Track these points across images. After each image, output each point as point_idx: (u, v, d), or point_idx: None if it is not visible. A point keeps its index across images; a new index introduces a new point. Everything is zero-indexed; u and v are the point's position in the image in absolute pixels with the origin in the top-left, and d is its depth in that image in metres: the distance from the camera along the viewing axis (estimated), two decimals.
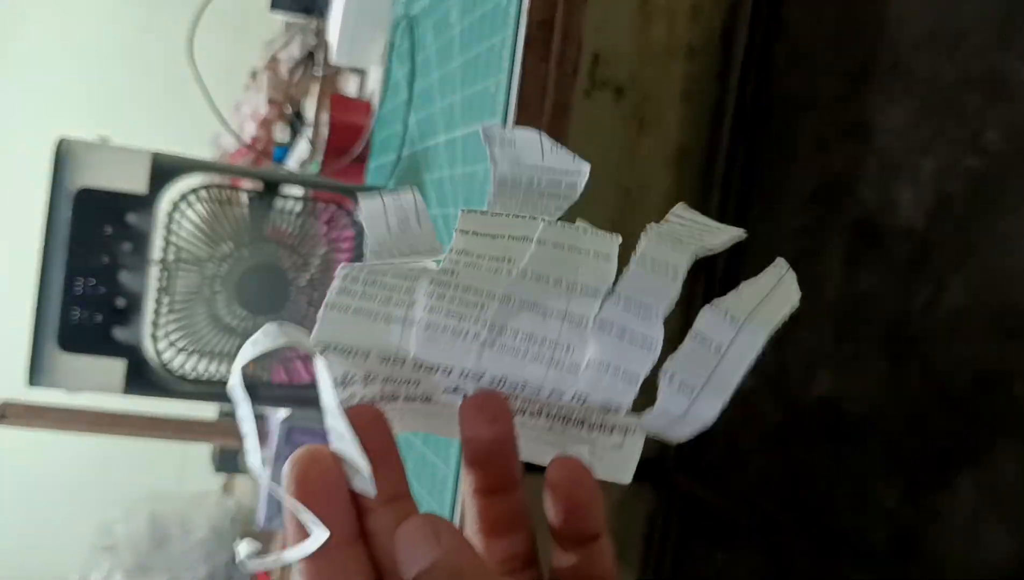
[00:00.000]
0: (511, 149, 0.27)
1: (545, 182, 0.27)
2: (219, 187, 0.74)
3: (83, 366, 0.72)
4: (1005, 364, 0.92)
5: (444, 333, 0.24)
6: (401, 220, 0.27)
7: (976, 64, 0.98)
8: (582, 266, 0.25)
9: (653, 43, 1.31)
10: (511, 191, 0.27)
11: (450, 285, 0.25)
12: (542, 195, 0.27)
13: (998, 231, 0.94)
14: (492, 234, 0.25)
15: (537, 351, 0.25)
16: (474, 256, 0.25)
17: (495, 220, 0.26)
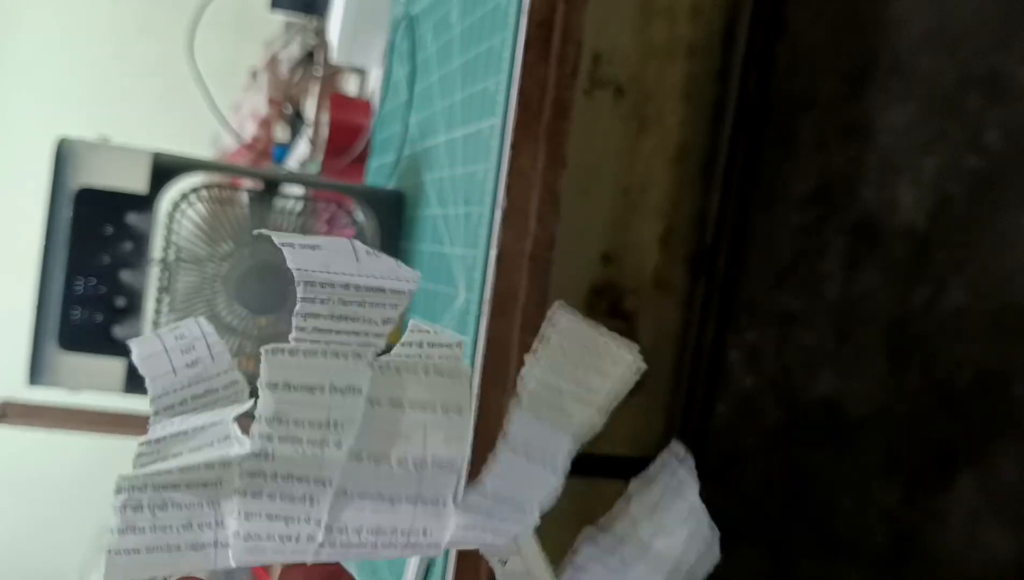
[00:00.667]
0: (317, 255, 0.21)
1: (364, 290, 0.22)
2: (219, 187, 0.74)
3: (83, 365, 0.72)
4: (1006, 364, 0.92)
5: (270, 541, 0.20)
6: (188, 358, 0.22)
7: (977, 64, 0.98)
8: (430, 430, 0.21)
9: (653, 42, 1.31)
10: (323, 303, 0.21)
11: (266, 476, 0.20)
12: (363, 304, 0.22)
13: (999, 231, 0.94)
14: (309, 386, 0.20)
15: (388, 540, 0.21)
16: (290, 423, 0.20)
17: (310, 363, 0.20)
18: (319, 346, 0.21)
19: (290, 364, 0.21)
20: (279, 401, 0.20)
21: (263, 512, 0.20)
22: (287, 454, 0.20)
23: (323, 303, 0.21)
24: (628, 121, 1.33)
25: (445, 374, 0.21)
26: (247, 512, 0.20)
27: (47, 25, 2.62)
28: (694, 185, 1.36)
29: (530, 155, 0.55)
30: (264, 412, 0.20)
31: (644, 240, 1.34)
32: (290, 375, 0.20)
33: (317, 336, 0.21)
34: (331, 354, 0.21)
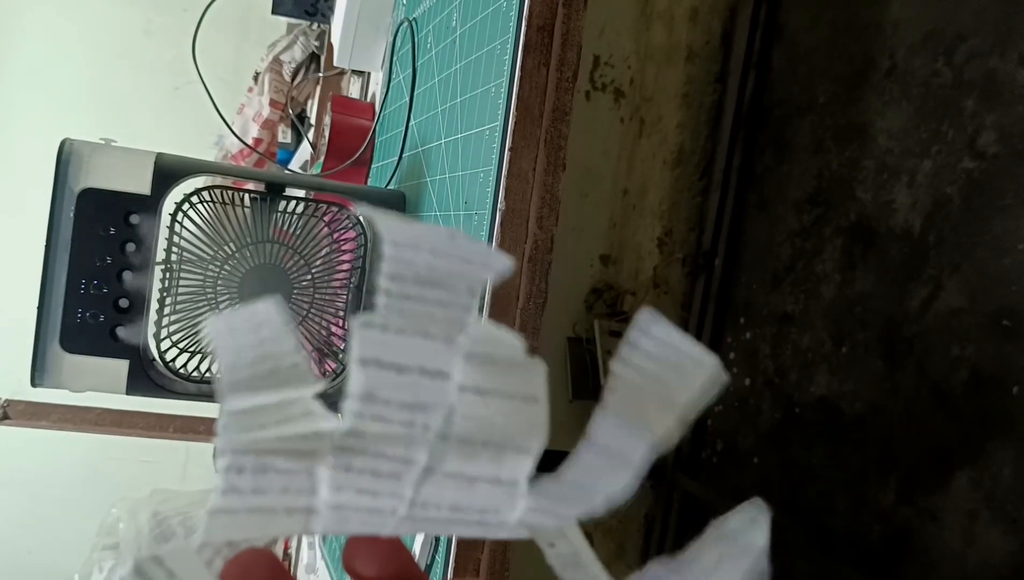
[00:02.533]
0: (409, 226, 0.21)
1: (453, 258, 0.22)
2: (222, 188, 0.74)
3: (86, 367, 0.72)
4: (1001, 365, 0.92)
5: (356, 513, 0.21)
6: (256, 337, 0.23)
7: (972, 67, 0.99)
8: (512, 417, 0.22)
9: (653, 46, 1.32)
10: (409, 265, 0.21)
11: (355, 452, 0.21)
12: (450, 273, 0.22)
13: (994, 233, 0.95)
14: (398, 366, 0.21)
15: (463, 517, 0.22)
16: (381, 403, 0.21)
17: (401, 342, 0.21)
18: (409, 322, 0.21)
19: (381, 341, 0.21)
20: (370, 379, 0.21)
21: (352, 486, 0.21)
22: (376, 432, 0.21)
23: (409, 265, 0.21)
24: (627, 124, 1.33)
25: (522, 366, 0.22)
26: (337, 485, 0.21)
27: (51, 28, 2.63)
28: (692, 187, 1.36)
29: (530, 158, 0.56)
30: (356, 389, 0.21)
31: (643, 241, 1.35)
32: (381, 353, 0.21)
33: (403, 304, 0.21)
34: (421, 334, 0.21)
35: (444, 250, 0.21)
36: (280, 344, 0.23)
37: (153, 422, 1.29)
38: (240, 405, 0.22)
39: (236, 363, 0.22)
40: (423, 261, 0.21)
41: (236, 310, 0.22)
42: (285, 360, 0.23)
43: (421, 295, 0.21)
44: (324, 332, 0.79)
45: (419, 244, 0.21)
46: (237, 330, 0.22)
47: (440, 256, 0.21)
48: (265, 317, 0.22)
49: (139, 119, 2.52)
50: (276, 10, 1.45)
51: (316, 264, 0.77)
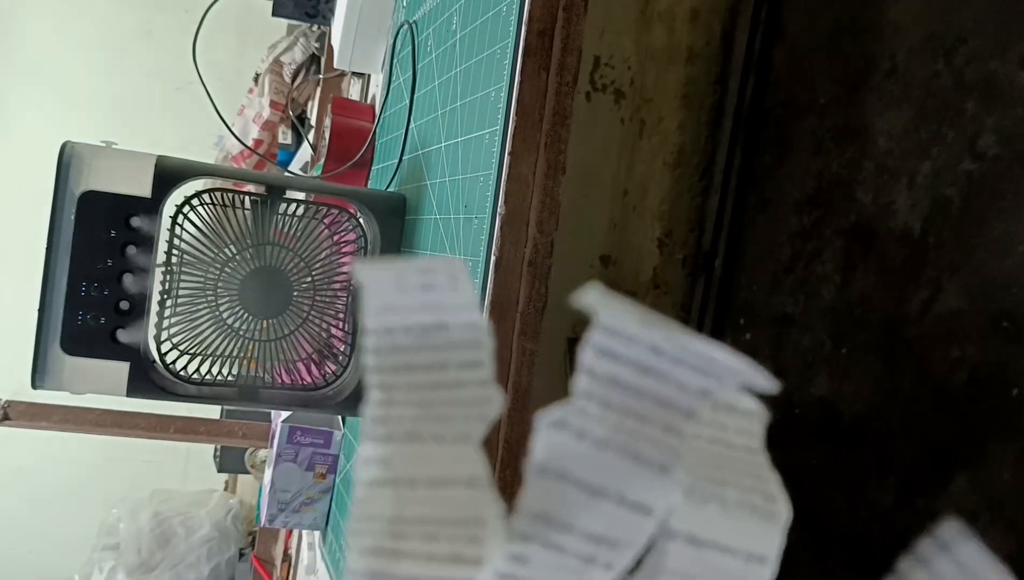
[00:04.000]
0: (625, 312, 0.16)
1: (677, 354, 0.17)
2: (222, 191, 0.75)
3: (87, 369, 0.72)
4: (1001, 367, 0.92)
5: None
6: (424, 281, 0.18)
7: (973, 69, 0.99)
8: (725, 578, 0.17)
9: (653, 47, 1.32)
10: (623, 365, 0.17)
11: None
12: (675, 371, 0.17)
13: (994, 235, 0.95)
14: (592, 488, 0.16)
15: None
16: (558, 527, 0.16)
17: (599, 459, 0.16)
18: (612, 434, 0.16)
19: (575, 452, 0.16)
20: (550, 495, 0.16)
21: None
22: (547, 562, 0.16)
23: (627, 345, 0.17)
24: (628, 125, 1.33)
25: (758, 514, 0.17)
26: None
27: (52, 30, 2.63)
28: (692, 188, 1.36)
29: (530, 162, 0.56)
30: (530, 505, 0.16)
31: (643, 242, 1.35)
32: (571, 465, 0.16)
33: (612, 393, 0.17)
34: (629, 455, 0.16)
35: (669, 353, 0.16)
36: (457, 296, 0.18)
37: (154, 423, 1.29)
38: (394, 363, 0.18)
39: (394, 304, 0.18)
40: (636, 358, 0.17)
41: (407, 260, 0.18)
42: (460, 316, 0.18)
43: (636, 386, 0.17)
44: (324, 334, 0.79)
45: (637, 337, 0.16)
46: (398, 270, 0.18)
47: (663, 359, 0.16)
48: (440, 268, 0.18)
49: (140, 120, 2.52)
50: (277, 12, 1.45)
51: (316, 266, 0.78)
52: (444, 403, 0.18)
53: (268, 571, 1.36)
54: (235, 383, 0.78)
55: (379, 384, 0.18)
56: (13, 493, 2.57)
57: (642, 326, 0.16)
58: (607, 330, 0.16)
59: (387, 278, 0.18)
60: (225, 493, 1.92)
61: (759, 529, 0.17)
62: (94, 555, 1.76)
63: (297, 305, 0.77)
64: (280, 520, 0.94)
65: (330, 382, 0.80)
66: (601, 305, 0.16)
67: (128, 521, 1.70)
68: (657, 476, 0.16)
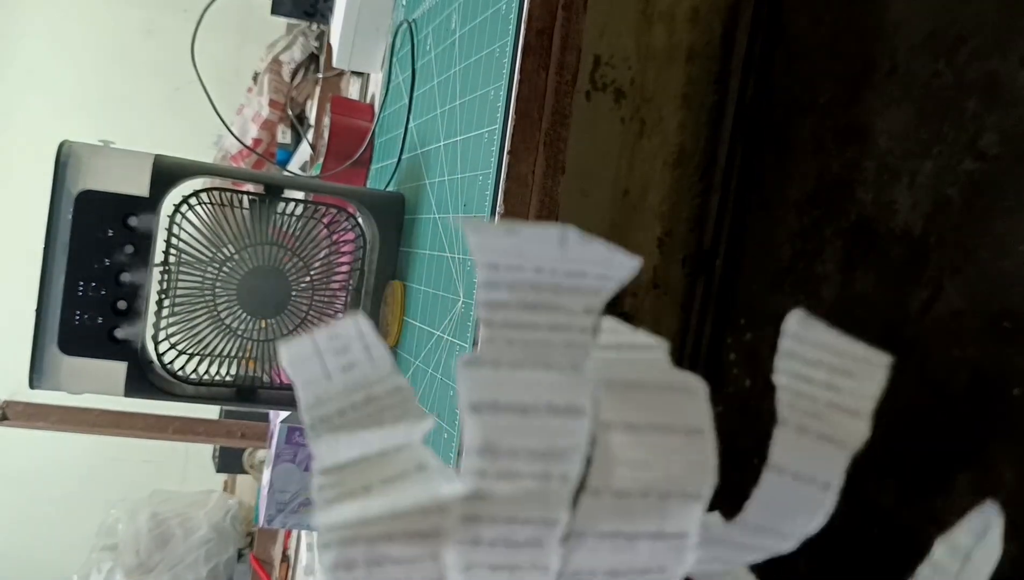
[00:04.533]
0: (509, 240, 0.17)
1: (561, 274, 0.18)
2: (221, 190, 0.74)
3: (84, 369, 0.72)
4: (1002, 367, 0.92)
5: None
6: (343, 360, 0.19)
7: (974, 68, 0.99)
8: (674, 457, 0.18)
9: (653, 46, 1.32)
10: (510, 290, 0.17)
11: (483, 520, 0.17)
12: (558, 290, 0.18)
13: (996, 234, 0.94)
14: (522, 407, 0.17)
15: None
16: (506, 455, 0.17)
17: (518, 378, 0.17)
18: (524, 354, 0.17)
19: (494, 380, 0.17)
20: (487, 427, 0.17)
21: (485, 562, 0.17)
22: (506, 492, 0.17)
23: (510, 289, 0.17)
24: (628, 124, 1.33)
25: (678, 389, 0.18)
26: (467, 563, 0.17)
27: (51, 29, 2.63)
28: (693, 188, 1.36)
29: (529, 162, 0.56)
30: (473, 442, 0.17)
31: (643, 242, 1.34)
32: (496, 393, 0.17)
33: (510, 333, 0.17)
34: (541, 365, 0.17)
35: (551, 263, 0.17)
36: (375, 367, 0.19)
37: (152, 423, 1.29)
38: (336, 459, 0.18)
39: (322, 396, 0.19)
40: (527, 281, 0.17)
41: (317, 332, 0.19)
42: (383, 385, 0.19)
43: (530, 322, 0.17)
44: None
45: (521, 262, 0.17)
46: (318, 354, 0.19)
47: (547, 272, 0.17)
48: (352, 334, 0.19)
49: (138, 120, 2.52)
50: (276, 10, 1.45)
51: (315, 266, 0.77)
52: (385, 454, 0.19)
53: (267, 572, 1.36)
54: (233, 383, 0.78)
55: (323, 469, 0.18)
56: (11, 494, 2.57)
57: (521, 247, 0.17)
58: (490, 264, 0.17)
59: (311, 369, 0.19)
60: (224, 494, 1.92)
61: (686, 404, 0.18)
62: (92, 556, 1.75)
63: (296, 305, 0.77)
64: (279, 520, 0.94)
65: None
66: (473, 234, 0.17)
67: (126, 522, 1.70)
68: (573, 375, 0.17)
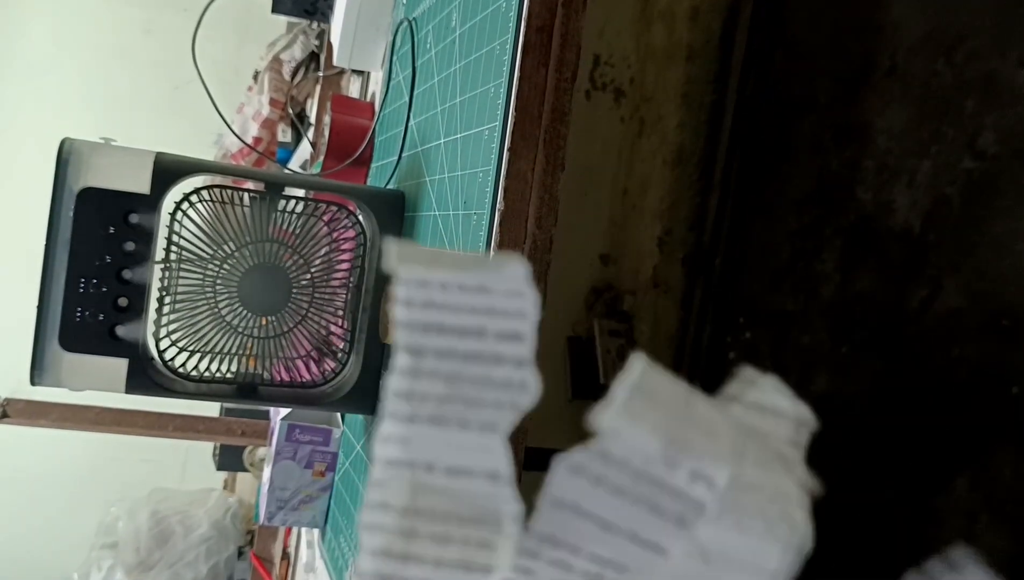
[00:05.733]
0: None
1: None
2: (221, 187, 0.75)
3: (85, 365, 0.72)
4: (1001, 365, 0.92)
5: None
6: (471, 283, 0.17)
7: (972, 68, 0.99)
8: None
9: (653, 45, 1.32)
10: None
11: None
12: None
13: (994, 233, 0.95)
14: (606, 523, 0.16)
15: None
16: (566, 548, 0.16)
17: (608, 502, 0.16)
18: (631, 484, 0.16)
19: (590, 494, 0.16)
20: (561, 523, 0.16)
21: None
22: (552, 576, 0.17)
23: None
24: (627, 123, 1.33)
25: (773, 534, 0.17)
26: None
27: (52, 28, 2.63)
28: (692, 187, 1.36)
29: (529, 159, 0.56)
30: (541, 528, 0.16)
31: (643, 241, 1.34)
32: (586, 503, 0.16)
33: (622, 463, 0.16)
34: (647, 506, 0.16)
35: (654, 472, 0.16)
36: (511, 300, 0.16)
37: (153, 421, 1.29)
38: (426, 320, 0.16)
39: (433, 299, 0.16)
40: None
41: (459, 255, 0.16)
42: (505, 281, 0.17)
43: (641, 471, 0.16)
44: (323, 331, 0.79)
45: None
46: (456, 286, 0.16)
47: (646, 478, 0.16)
48: (503, 269, 0.16)
49: (139, 118, 2.52)
50: (276, 9, 1.45)
51: (315, 263, 0.77)
52: (475, 381, 0.16)
53: (267, 569, 1.36)
54: (234, 380, 0.78)
55: (407, 346, 0.16)
56: (12, 492, 2.57)
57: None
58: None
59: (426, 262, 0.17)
60: (224, 492, 1.92)
61: (771, 546, 0.17)
62: (92, 554, 1.76)
63: (296, 302, 0.77)
64: (279, 518, 0.94)
65: (329, 379, 0.79)
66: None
67: (126, 520, 1.70)
68: (675, 527, 0.16)
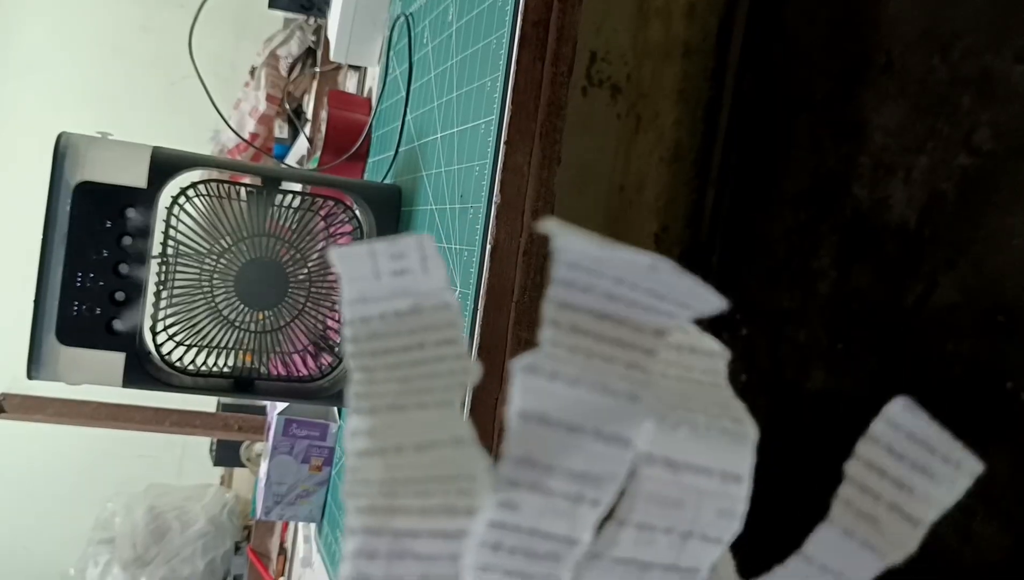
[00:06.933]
0: (592, 247, 0.17)
1: (640, 290, 0.17)
2: (218, 182, 0.75)
3: (82, 359, 0.72)
4: (996, 361, 0.93)
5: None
6: (397, 265, 0.19)
7: (968, 64, 0.99)
8: (705, 500, 0.17)
9: (650, 42, 1.32)
10: (585, 293, 0.17)
11: (508, 528, 0.17)
12: (632, 305, 0.17)
13: (990, 229, 0.95)
14: (570, 426, 0.17)
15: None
16: (543, 470, 0.17)
17: (573, 396, 0.16)
18: (585, 371, 0.17)
19: (549, 392, 0.16)
20: (532, 439, 0.16)
21: (501, 566, 0.17)
22: (535, 506, 0.17)
23: (585, 292, 0.17)
24: (624, 120, 1.33)
25: (728, 435, 0.18)
26: (483, 564, 0.17)
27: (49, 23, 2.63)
28: (689, 183, 1.36)
29: (525, 152, 0.56)
30: (514, 451, 0.17)
31: (639, 238, 1.35)
32: (548, 406, 0.17)
33: (574, 340, 0.17)
34: (599, 388, 0.17)
35: (633, 278, 0.17)
36: (428, 278, 0.19)
37: (150, 416, 1.29)
38: (368, 389, 0.18)
39: (367, 294, 0.18)
40: (603, 289, 0.17)
41: (377, 238, 0.18)
42: (431, 298, 0.19)
43: (597, 331, 0.17)
44: (320, 326, 0.79)
45: (602, 268, 0.17)
46: (372, 254, 0.19)
47: (627, 285, 0.17)
48: (412, 245, 0.19)
49: (136, 114, 2.52)
50: (273, 4, 1.45)
51: (312, 258, 0.78)
52: (423, 376, 0.18)
53: (264, 564, 1.36)
54: (231, 375, 0.78)
55: (359, 367, 0.19)
56: (8, 487, 2.57)
57: (606, 257, 0.16)
58: (569, 263, 0.17)
59: (361, 266, 0.19)
60: (221, 487, 1.92)
61: (731, 448, 0.18)
62: (89, 549, 1.76)
63: (293, 297, 0.77)
64: (276, 513, 0.94)
65: (326, 374, 0.80)
66: (560, 236, 0.16)
67: (123, 515, 1.70)
68: (628, 405, 0.17)
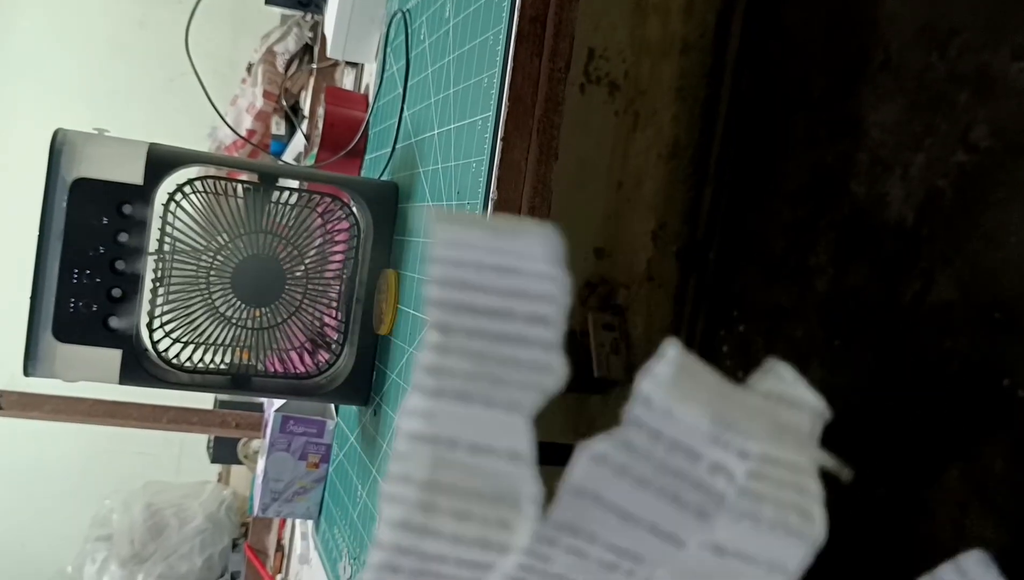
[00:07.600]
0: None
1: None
2: (215, 179, 0.74)
3: (79, 356, 0.72)
4: (993, 357, 0.93)
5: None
6: (504, 261, 0.16)
7: (966, 62, 0.99)
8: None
9: (648, 39, 1.32)
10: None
11: (537, 573, 0.17)
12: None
13: (986, 226, 0.95)
14: (626, 514, 0.16)
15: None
16: (585, 538, 0.16)
17: (633, 490, 0.15)
18: (654, 475, 0.16)
19: (612, 484, 0.16)
20: (580, 511, 0.16)
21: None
22: (568, 564, 0.17)
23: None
24: (622, 117, 1.33)
25: (792, 534, 0.17)
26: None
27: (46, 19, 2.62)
28: (687, 180, 1.36)
29: (522, 148, 0.56)
30: (558, 517, 0.16)
31: (637, 234, 1.35)
32: (607, 493, 0.16)
33: (649, 450, 0.16)
34: (669, 498, 0.16)
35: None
36: (535, 286, 0.16)
37: (147, 413, 1.29)
38: (457, 300, 0.16)
39: (464, 280, 0.16)
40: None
41: (494, 222, 0.16)
42: (536, 263, 0.16)
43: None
44: (317, 323, 0.79)
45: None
46: (483, 246, 0.16)
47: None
48: (530, 251, 0.16)
49: (133, 111, 2.51)
50: (270, 1, 1.45)
51: (309, 255, 0.77)
52: (500, 360, 0.16)
53: (261, 561, 1.36)
54: (228, 371, 0.78)
55: (438, 323, 0.16)
56: (5, 484, 2.56)
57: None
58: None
59: (465, 219, 0.17)
60: (218, 484, 1.92)
61: (787, 542, 0.17)
62: (87, 546, 1.76)
63: (290, 294, 0.77)
64: (273, 510, 0.94)
65: (323, 371, 0.80)
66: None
67: (121, 512, 1.70)
68: (695, 520, 0.16)
